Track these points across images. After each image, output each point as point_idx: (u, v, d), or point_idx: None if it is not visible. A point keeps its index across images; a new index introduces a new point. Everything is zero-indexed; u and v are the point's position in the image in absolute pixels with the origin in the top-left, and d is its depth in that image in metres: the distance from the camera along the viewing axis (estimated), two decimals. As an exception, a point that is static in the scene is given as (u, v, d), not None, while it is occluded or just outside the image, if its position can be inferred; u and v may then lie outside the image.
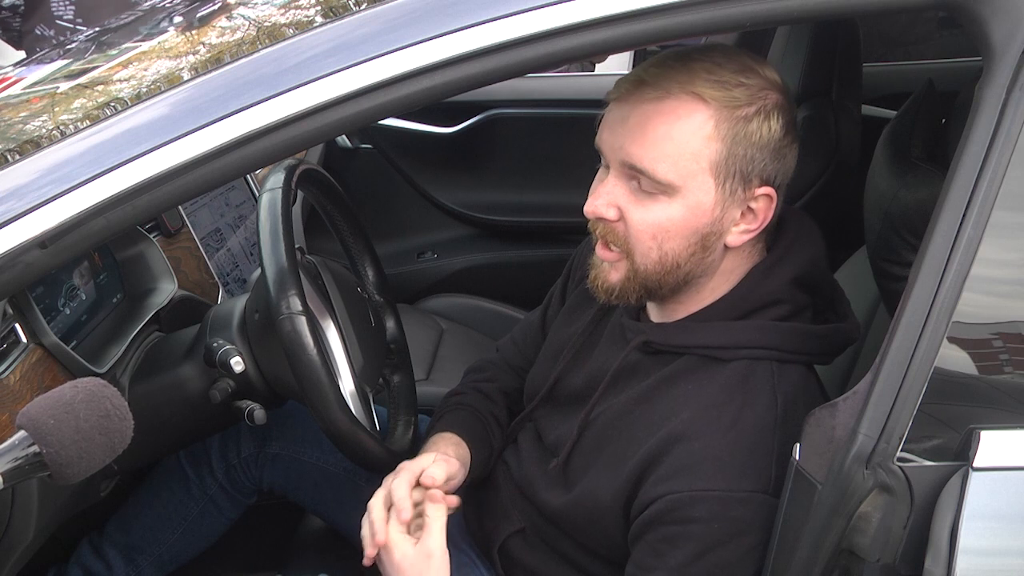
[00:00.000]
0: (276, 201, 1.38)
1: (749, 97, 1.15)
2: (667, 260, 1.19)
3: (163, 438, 1.52)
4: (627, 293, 1.23)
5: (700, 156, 1.15)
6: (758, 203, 1.20)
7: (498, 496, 1.44)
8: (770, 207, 1.20)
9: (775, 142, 1.18)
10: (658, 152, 1.15)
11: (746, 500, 1.14)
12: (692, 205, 1.16)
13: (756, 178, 1.18)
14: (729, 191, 1.17)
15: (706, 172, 1.15)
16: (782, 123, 1.18)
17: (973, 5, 1.00)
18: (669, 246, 1.18)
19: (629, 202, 1.19)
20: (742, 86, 1.15)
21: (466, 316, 2.55)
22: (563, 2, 0.99)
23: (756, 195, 1.19)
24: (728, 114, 1.14)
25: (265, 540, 1.87)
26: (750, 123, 1.15)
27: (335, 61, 1.00)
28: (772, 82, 1.18)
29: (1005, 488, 1.05)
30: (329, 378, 1.30)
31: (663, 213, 1.17)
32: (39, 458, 0.87)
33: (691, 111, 1.14)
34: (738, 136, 1.15)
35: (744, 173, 1.17)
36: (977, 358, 1.06)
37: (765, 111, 1.16)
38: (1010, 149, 1.00)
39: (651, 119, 1.15)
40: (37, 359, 1.30)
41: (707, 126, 1.14)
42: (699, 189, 1.16)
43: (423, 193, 2.86)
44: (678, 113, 1.15)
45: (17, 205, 0.98)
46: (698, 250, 1.19)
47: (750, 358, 1.21)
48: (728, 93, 1.14)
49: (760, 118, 1.16)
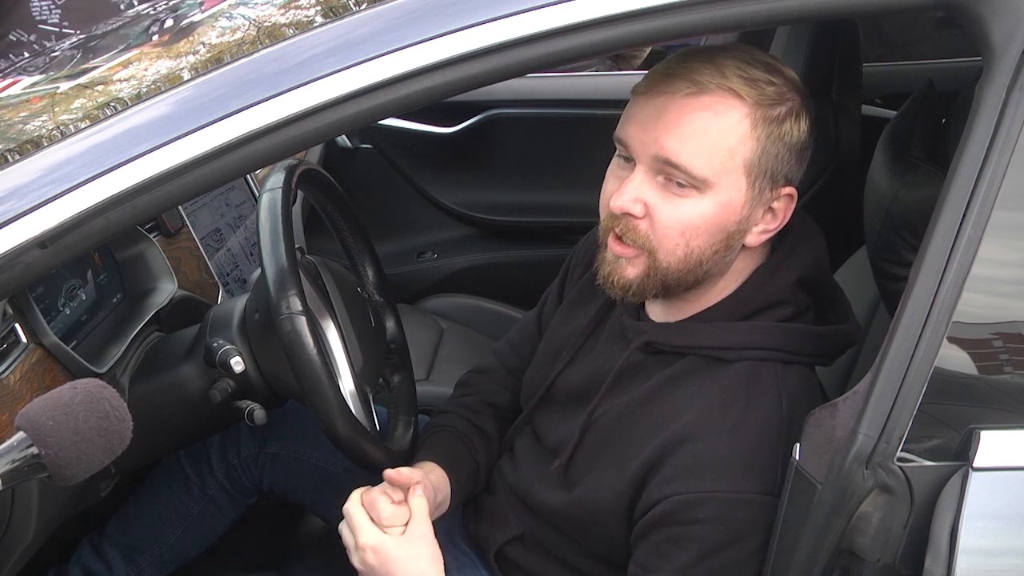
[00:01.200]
0: (276, 201, 1.38)
1: (780, 97, 1.16)
2: (692, 257, 1.18)
3: (163, 438, 1.52)
4: (645, 290, 1.21)
5: (736, 153, 1.15)
6: (780, 203, 1.20)
7: (495, 502, 1.44)
8: (790, 207, 1.21)
9: (802, 143, 1.19)
10: (695, 147, 1.14)
11: (751, 502, 1.14)
12: (724, 202, 1.16)
13: (783, 178, 1.19)
14: (758, 190, 1.17)
15: (740, 169, 1.15)
16: (808, 124, 1.19)
17: (973, 5, 1.00)
18: (696, 243, 1.17)
19: (657, 198, 1.17)
20: (772, 85, 1.15)
21: (466, 316, 2.55)
22: (563, 2, 0.99)
23: (780, 195, 1.19)
24: (763, 113, 1.15)
25: (265, 540, 1.87)
26: (783, 123, 1.16)
27: (335, 61, 1.00)
28: (794, 83, 1.19)
29: (1005, 488, 1.05)
30: (329, 378, 1.30)
31: (694, 210, 1.16)
32: (38, 459, 0.87)
33: (728, 107, 1.14)
34: (772, 135, 1.15)
35: (773, 173, 1.17)
36: (977, 358, 1.06)
37: (795, 112, 1.17)
38: (1010, 149, 1.00)
39: (688, 113, 1.14)
40: (37, 359, 1.30)
41: (744, 123, 1.14)
42: (732, 186, 1.16)
43: (423, 193, 2.86)
44: (716, 109, 1.14)
45: (17, 205, 0.98)
46: (721, 248, 1.19)
47: (754, 359, 1.21)
48: (761, 91, 1.14)
49: (792, 119, 1.17)
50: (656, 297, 1.25)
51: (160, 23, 1.54)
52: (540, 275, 1.84)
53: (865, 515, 1.05)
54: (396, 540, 1.22)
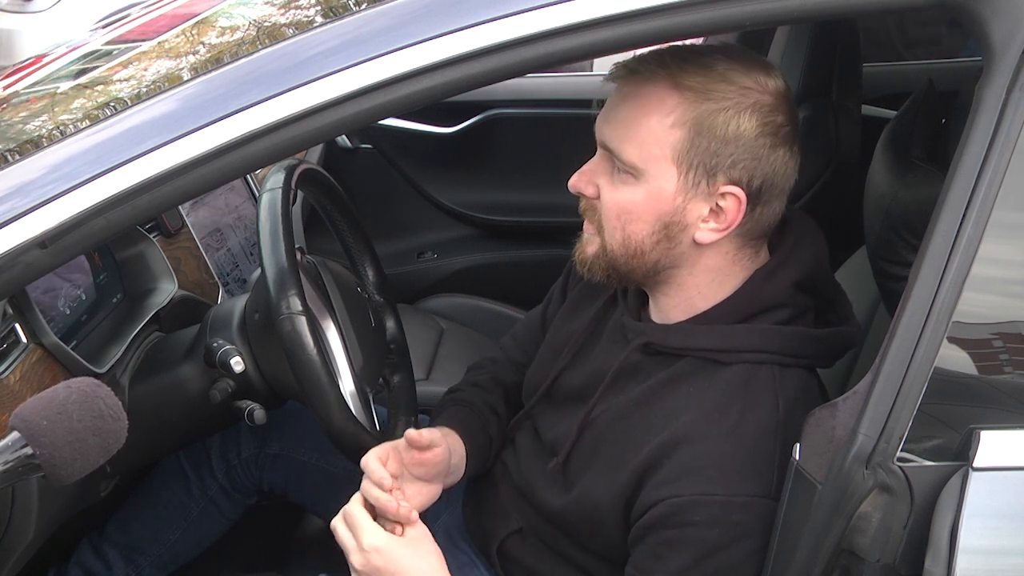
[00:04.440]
0: (276, 201, 1.38)
1: (727, 92, 1.15)
2: (630, 243, 1.21)
3: (163, 438, 1.52)
4: (596, 269, 1.27)
5: (663, 142, 1.16)
6: (726, 202, 1.18)
7: (496, 496, 1.44)
8: (739, 209, 1.18)
9: (745, 140, 1.16)
10: (625, 133, 1.18)
11: (747, 504, 1.14)
12: (654, 190, 1.18)
13: (722, 175, 1.17)
14: (692, 182, 1.17)
15: (668, 159, 1.17)
16: (756, 123, 1.16)
17: (973, 5, 1.00)
18: (632, 228, 1.21)
19: (605, 182, 1.23)
20: (725, 82, 1.15)
21: (466, 316, 2.55)
22: (563, 2, 0.99)
23: (721, 192, 1.18)
24: (696, 105, 1.15)
25: (265, 540, 1.87)
26: (716, 116, 1.15)
27: (335, 61, 1.00)
28: (766, 87, 1.16)
29: (1005, 488, 1.05)
30: (329, 378, 1.30)
31: (628, 195, 1.20)
32: (33, 459, 0.87)
33: (662, 98, 1.16)
34: (702, 127, 1.15)
35: (707, 167, 1.17)
36: (977, 358, 1.06)
37: (738, 108, 1.15)
38: (1010, 149, 1.00)
39: (624, 100, 1.19)
40: (37, 359, 1.30)
41: (673, 114, 1.16)
42: (661, 175, 1.17)
43: (423, 193, 2.86)
44: (650, 99, 1.17)
45: (17, 205, 0.98)
46: (662, 239, 1.20)
47: (752, 362, 1.21)
48: (706, 86, 1.15)
49: (729, 113, 1.15)
50: (611, 281, 1.29)
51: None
52: (540, 275, 1.85)
53: (865, 515, 1.05)
54: (402, 540, 1.21)
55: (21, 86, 1.46)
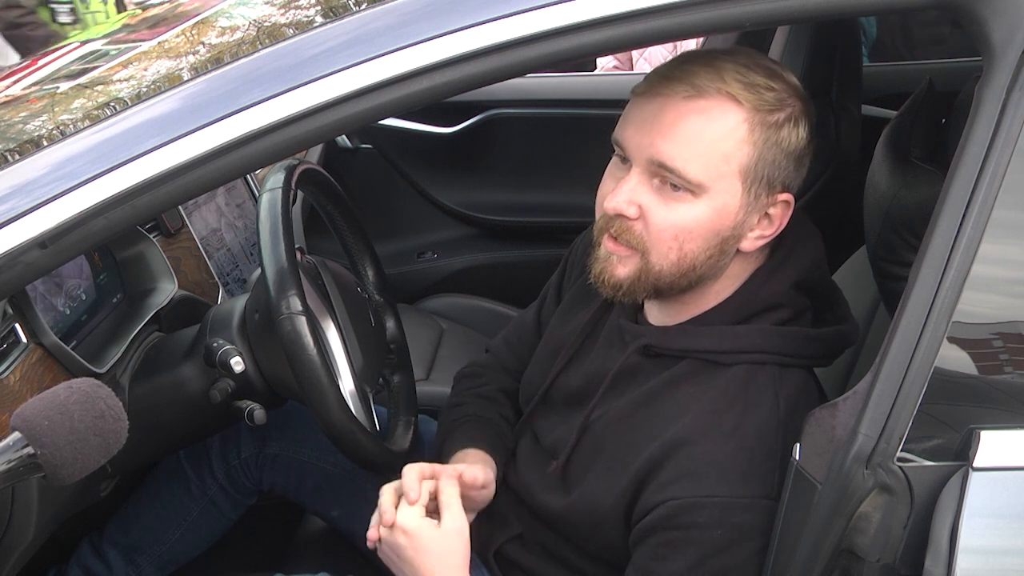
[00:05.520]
0: (276, 201, 1.38)
1: (779, 102, 1.15)
2: (685, 261, 1.18)
3: (163, 438, 1.52)
4: (635, 291, 1.21)
5: (731, 158, 1.14)
6: (776, 209, 1.20)
7: (496, 502, 1.44)
8: (786, 213, 1.21)
9: (800, 149, 1.18)
10: (690, 151, 1.14)
11: (749, 506, 1.14)
12: (718, 207, 1.16)
13: (779, 184, 1.18)
14: (754, 195, 1.17)
15: (735, 175, 1.15)
16: (808, 131, 1.18)
17: (973, 5, 1.00)
18: (689, 247, 1.17)
19: (652, 201, 1.17)
20: (772, 91, 1.15)
21: (466, 316, 2.55)
22: (563, 2, 0.99)
23: (777, 201, 1.19)
24: (761, 118, 1.14)
25: (265, 540, 1.87)
26: (781, 129, 1.16)
27: (335, 61, 1.00)
28: (796, 88, 1.18)
29: (1005, 488, 1.05)
30: (329, 378, 1.30)
31: (688, 213, 1.16)
32: (33, 459, 0.87)
33: (724, 111, 1.14)
34: (769, 141, 1.15)
35: (770, 179, 1.17)
36: (977, 358, 1.06)
37: (793, 118, 1.16)
38: (1010, 149, 1.00)
39: (684, 116, 1.14)
40: (37, 359, 1.30)
41: (741, 129, 1.14)
42: (727, 191, 1.15)
43: (423, 193, 2.86)
44: (712, 113, 1.14)
45: (17, 205, 0.98)
46: (716, 253, 1.19)
47: (752, 363, 1.21)
48: (759, 97, 1.14)
49: (790, 125, 1.16)
50: (648, 298, 1.26)
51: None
52: (540, 275, 1.84)
53: (865, 515, 1.05)
54: (434, 529, 1.21)
55: (21, 86, 1.46)
